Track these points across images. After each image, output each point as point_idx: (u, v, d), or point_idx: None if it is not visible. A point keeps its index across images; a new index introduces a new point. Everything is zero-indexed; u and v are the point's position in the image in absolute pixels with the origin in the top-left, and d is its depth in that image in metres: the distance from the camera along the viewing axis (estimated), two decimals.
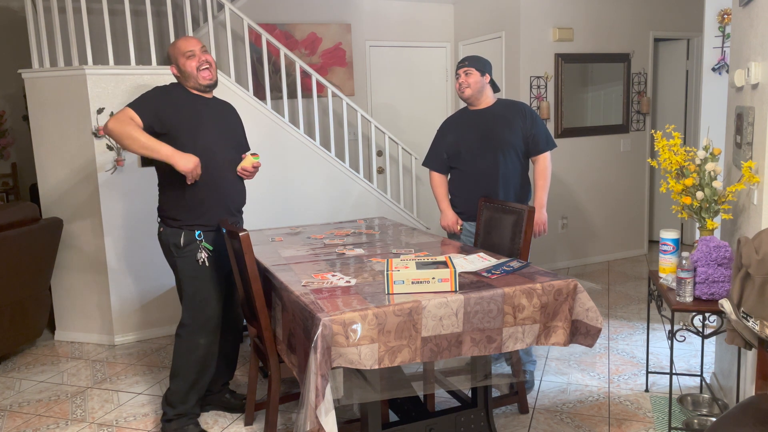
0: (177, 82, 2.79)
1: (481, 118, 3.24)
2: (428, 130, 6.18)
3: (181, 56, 2.70)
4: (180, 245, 2.70)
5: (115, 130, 2.53)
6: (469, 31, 5.86)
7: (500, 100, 3.30)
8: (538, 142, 3.20)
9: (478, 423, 2.47)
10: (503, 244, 3.01)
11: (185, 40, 2.73)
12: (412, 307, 1.99)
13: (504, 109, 3.24)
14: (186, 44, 2.71)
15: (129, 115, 2.57)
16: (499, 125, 3.19)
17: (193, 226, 2.71)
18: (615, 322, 4.15)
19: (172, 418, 2.75)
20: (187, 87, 2.76)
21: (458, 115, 3.38)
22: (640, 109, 5.74)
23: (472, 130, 3.24)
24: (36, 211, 3.76)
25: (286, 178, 4.56)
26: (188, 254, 2.71)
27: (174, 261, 2.75)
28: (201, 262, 2.71)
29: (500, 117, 3.21)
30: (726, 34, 4.15)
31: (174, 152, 2.56)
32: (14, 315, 3.73)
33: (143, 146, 2.54)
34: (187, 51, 2.69)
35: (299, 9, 5.44)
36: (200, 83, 2.73)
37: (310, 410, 1.82)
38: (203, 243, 2.71)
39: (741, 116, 2.61)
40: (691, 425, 2.67)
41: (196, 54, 2.70)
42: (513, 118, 3.19)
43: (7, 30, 5.73)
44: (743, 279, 1.97)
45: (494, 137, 3.18)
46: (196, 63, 2.70)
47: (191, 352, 2.74)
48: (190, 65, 2.70)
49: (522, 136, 3.19)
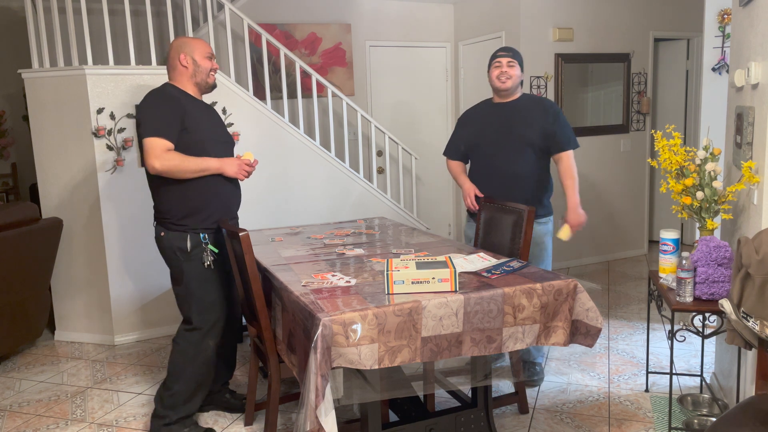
0: (168, 83, 2.75)
1: (502, 111, 3.18)
2: (428, 130, 6.19)
3: (202, 54, 2.74)
4: (187, 249, 2.67)
5: (165, 168, 2.53)
6: (469, 31, 5.86)
7: (525, 95, 3.24)
8: (560, 140, 3.11)
9: (478, 423, 2.47)
10: (503, 244, 3.01)
11: (207, 45, 2.79)
12: (412, 307, 1.99)
13: (527, 105, 3.17)
14: (208, 47, 2.78)
15: (163, 147, 2.54)
16: (519, 120, 3.12)
17: (198, 229, 2.69)
18: (615, 322, 4.15)
19: (174, 421, 2.71)
20: (182, 84, 2.74)
21: (479, 107, 3.32)
22: (640, 109, 5.74)
23: (490, 124, 3.19)
24: (36, 211, 3.76)
25: (286, 178, 4.56)
26: (195, 258, 2.69)
27: (180, 265, 2.70)
28: (207, 265, 2.70)
29: (521, 112, 3.14)
30: (726, 34, 4.15)
31: (220, 163, 2.68)
32: (14, 315, 3.73)
33: (196, 172, 2.62)
34: (208, 53, 2.77)
35: (299, 9, 5.44)
36: (208, 81, 2.79)
37: (310, 410, 1.82)
38: (209, 246, 2.70)
39: (741, 116, 2.61)
40: (691, 425, 2.67)
41: (213, 60, 2.80)
42: (534, 113, 3.12)
43: (7, 30, 5.73)
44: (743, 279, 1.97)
45: (512, 132, 3.12)
46: (212, 66, 2.78)
47: (199, 354, 2.72)
48: (207, 65, 2.76)
49: (542, 133, 3.10)
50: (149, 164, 2.53)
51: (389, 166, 5.29)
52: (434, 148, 6.21)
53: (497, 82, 3.14)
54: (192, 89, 2.76)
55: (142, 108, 2.63)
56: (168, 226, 2.70)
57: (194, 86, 2.76)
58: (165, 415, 2.72)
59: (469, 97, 5.96)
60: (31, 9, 3.97)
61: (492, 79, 3.17)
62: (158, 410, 2.74)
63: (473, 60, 5.86)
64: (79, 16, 4.30)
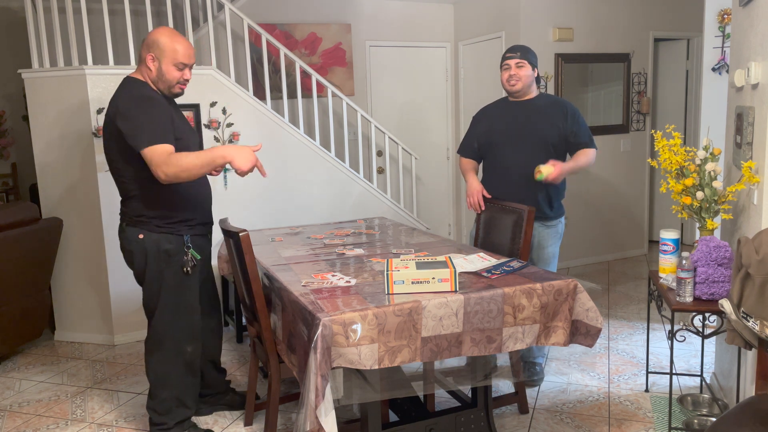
0: (137, 80, 2.54)
1: (518, 110, 3.13)
2: (428, 130, 6.19)
3: (171, 61, 2.50)
4: (170, 253, 2.57)
5: (173, 174, 2.34)
6: (469, 31, 5.86)
7: (542, 95, 3.19)
8: (581, 139, 3.08)
9: (478, 423, 2.47)
10: (503, 244, 3.01)
11: (184, 51, 2.51)
12: (412, 307, 1.99)
13: (544, 104, 3.12)
14: (181, 54, 2.50)
15: (165, 152, 2.35)
16: (535, 120, 3.08)
17: (182, 232, 2.60)
18: (615, 322, 4.15)
19: (172, 426, 2.68)
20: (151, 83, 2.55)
21: (495, 105, 3.28)
22: (640, 109, 5.74)
23: (506, 122, 3.14)
24: (36, 211, 3.76)
25: (286, 178, 4.56)
26: (175, 263, 2.59)
27: (161, 269, 2.58)
28: (186, 271, 2.59)
29: (538, 112, 3.10)
30: (726, 34, 4.15)
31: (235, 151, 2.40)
32: (14, 315, 3.73)
33: (201, 168, 2.38)
34: (179, 62, 2.51)
35: (299, 9, 5.44)
36: (172, 91, 2.58)
37: (310, 410, 1.82)
38: (191, 251, 2.60)
39: (741, 116, 2.61)
40: (691, 425, 2.67)
41: (185, 70, 2.55)
42: (552, 114, 3.08)
43: (7, 30, 5.73)
44: (743, 279, 1.97)
45: (526, 131, 3.08)
46: (180, 77, 2.54)
47: (178, 357, 2.65)
48: (174, 76, 2.53)
49: (559, 133, 3.06)
50: (159, 172, 2.34)
51: (389, 166, 5.29)
52: (434, 148, 6.21)
53: (507, 85, 3.11)
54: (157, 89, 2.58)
55: (128, 117, 2.40)
56: (149, 227, 2.56)
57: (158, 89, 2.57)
58: (162, 422, 2.68)
59: (469, 97, 5.96)
60: (31, 9, 3.97)
61: (502, 82, 3.14)
62: (154, 419, 2.68)
63: (473, 60, 5.86)
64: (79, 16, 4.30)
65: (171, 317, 2.64)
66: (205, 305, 2.84)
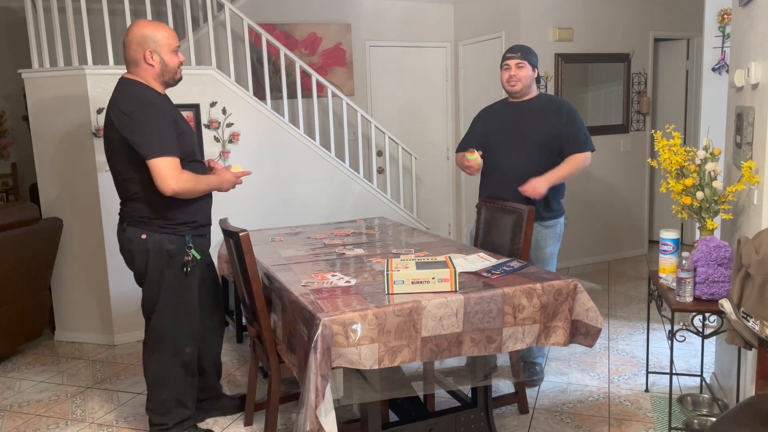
0: (136, 82, 2.54)
1: (516, 111, 3.14)
2: (428, 130, 6.19)
3: (168, 49, 2.55)
4: (172, 253, 2.57)
5: (182, 190, 2.43)
6: (469, 31, 5.86)
7: (541, 95, 3.18)
8: (574, 142, 3.05)
9: (478, 423, 2.47)
10: (503, 244, 3.01)
11: (172, 34, 2.57)
12: (412, 307, 1.99)
13: (541, 105, 3.12)
14: (174, 39, 2.57)
15: (176, 167, 2.42)
16: (531, 120, 3.08)
17: (185, 232, 2.61)
18: (615, 322, 4.15)
19: (172, 426, 2.67)
20: (147, 81, 2.55)
21: (495, 106, 3.29)
22: (640, 109, 5.74)
23: (503, 123, 3.15)
24: (36, 211, 3.75)
25: (286, 178, 4.56)
26: (176, 263, 2.59)
27: (162, 269, 2.58)
28: (186, 271, 2.60)
29: (535, 112, 3.10)
30: (726, 34, 4.15)
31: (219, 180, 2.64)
32: (14, 315, 3.73)
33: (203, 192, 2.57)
34: (174, 47, 2.57)
35: (299, 9, 5.44)
36: (175, 78, 2.63)
37: (310, 410, 1.82)
38: (192, 251, 2.61)
39: (741, 116, 2.61)
40: (691, 425, 2.67)
41: (179, 53, 2.62)
42: (548, 114, 3.07)
43: (7, 30, 5.73)
44: (743, 279, 1.97)
45: (523, 132, 3.08)
46: (178, 62, 2.61)
47: (176, 357, 2.64)
48: (175, 62, 2.58)
49: (554, 134, 3.05)
50: (166, 186, 2.38)
51: (389, 166, 5.29)
52: (434, 148, 6.21)
53: (507, 85, 3.11)
54: (158, 86, 2.58)
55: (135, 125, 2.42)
56: (152, 228, 2.57)
57: (160, 84, 2.59)
58: (162, 422, 2.67)
59: (469, 97, 5.96)
60: (31, 9, 3.97)
61: (502, 83, 3.14)
62: (154, 420, 2.68)
63: (473, 60, 5.86)
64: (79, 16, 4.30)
65: (170, 318, 2.64)
66: (208, 305, 2.85)
